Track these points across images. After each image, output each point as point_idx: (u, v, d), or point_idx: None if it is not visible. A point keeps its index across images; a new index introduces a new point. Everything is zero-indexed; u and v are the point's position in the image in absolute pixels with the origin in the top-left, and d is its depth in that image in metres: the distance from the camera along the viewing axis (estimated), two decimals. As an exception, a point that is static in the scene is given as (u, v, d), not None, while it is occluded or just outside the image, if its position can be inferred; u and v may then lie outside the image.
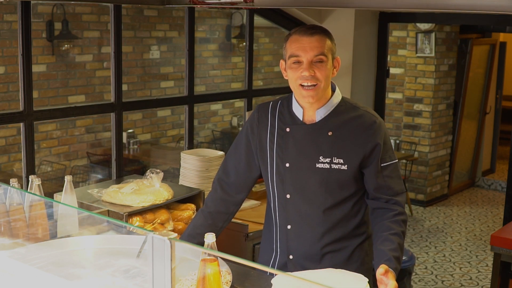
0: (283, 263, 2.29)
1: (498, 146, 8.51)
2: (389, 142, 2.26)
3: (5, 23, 5.22)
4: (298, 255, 2.26)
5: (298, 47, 2.14)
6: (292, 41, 2.16)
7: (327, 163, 2.17)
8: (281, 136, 2.25)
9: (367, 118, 2.20)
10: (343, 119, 2.20)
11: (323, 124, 2.20)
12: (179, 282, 1.96)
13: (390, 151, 2.24)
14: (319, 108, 2.20)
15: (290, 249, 2.27)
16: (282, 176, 2.24)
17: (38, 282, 1.65)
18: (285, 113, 2.27)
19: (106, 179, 4.52)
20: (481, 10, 2.51)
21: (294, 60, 2.15)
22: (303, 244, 2.25)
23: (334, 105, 2.22)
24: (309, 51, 2.12)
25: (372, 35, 4.65)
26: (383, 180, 2.20)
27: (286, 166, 2.23)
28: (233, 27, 7.14)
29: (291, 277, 1.88)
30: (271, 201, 2.31)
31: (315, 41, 2.13)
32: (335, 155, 2.17)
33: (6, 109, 5.16)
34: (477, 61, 7.53)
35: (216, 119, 7.25)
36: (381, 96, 4.76)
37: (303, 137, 2.21)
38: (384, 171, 2.20)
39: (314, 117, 2.22)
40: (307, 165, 2.19)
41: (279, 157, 2.24)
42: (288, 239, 2.27)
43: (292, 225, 2.25)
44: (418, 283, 4.98)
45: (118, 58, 3.51)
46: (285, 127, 2.24)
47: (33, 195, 2.28)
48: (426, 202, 7.12)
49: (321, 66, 2.13)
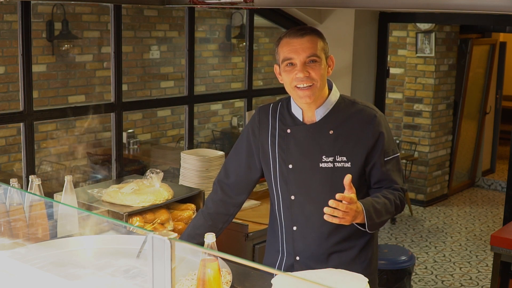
0: (290, 264, 2.28)
1: (498, 146, 8.51)
2: (391, 135, 2.26)
3: (5, 23, 5.22)
4: (305, 256, 2.25)
5: (290, 50, 2.14)
6: (283, 45, 2.16)
7: (330, 162, 2.17)
8: (283, 137, 2.24)
9: (367, 112, 2.20)
10: (343, 116, 2.20)
11: (324, 123, 2.20)
12: (179, 282, 1.96)
13: (392, 144, 2.24)
14: (318, 108, 2.20)
15: (296, 251, 2.26)
16: (286, 177, 2.23)
17: (38, 282, 1.65)
18: (285, 114, 2.27)
19: (106, 179, 4.51)
20: (481, 10, 2.51)
21: (287, 63, 2.15)
22: (309, 245, 2.24)
23: (332, 103, 2.22)
24: (301, 53, 2.12)
25: (372, 35, 4.65)
26: (386, 173, 2.21)
27: (289, 167, 2.22)
28: (233, 27, 7.14)
29: (291, 277, 1.88)
30: (275, 203, 2.30)
31: (306, 42, 2.13)
32: (337, 153, 2.17)
33: (6, 109, 5.16)
34: (477, 61, 7.53)
35: (216, 119, 7.25)
36: (381, 96, 4.76)
37: (304, 137, 2.21)
38: (387, 164, 2.21)
39: (314, 117, 2.21)
40: (310, 165, 2.19)
41: (282, 158, 2.24)
42: (294, 240, 2.26)
43: (298, 226, 2.24)
44: (418, 283, 4.98)
45: (118, 58, 3.51)
46: (286, 129, 2.24)
47: (33, 195, 2.28)
48: (426, 202, 7.12)
49: (315, 66, 2.13)
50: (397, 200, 2.19)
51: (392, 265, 4.23)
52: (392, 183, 2.21)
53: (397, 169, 2.24)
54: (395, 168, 2.23)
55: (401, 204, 2.21)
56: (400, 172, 2.25)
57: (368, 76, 4.67)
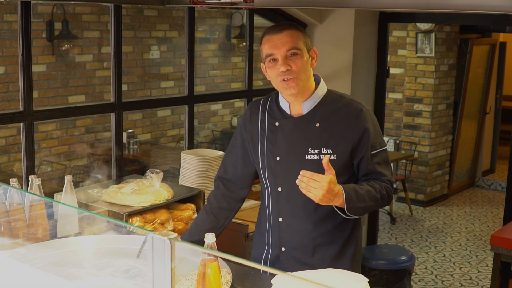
0: (276, 255, 2.33)
1: (498, 146, 8.51)
2: (379, 129, 2.29)
3: (5, 23, 5.22)
4: (290, 247, 2.30)
5: (271, 46, 2.20)
6: (265, 42, 2.22)
7: (316, 154, 2.21)
8: (271, 130, 2.30)
9: (353, 106, 2.24)
10: (330, 109, 2.24)
11: (311, 116, 2.24)
12: (179, 282, 1.96)
13: (379, 138, 2.28)
14: (305, 101, 2.25)
15: (282, 241, 2.31)
16: (274, 170, 2.29)
17: (38, 282, 1.65)
18: (274, 108, 2.32)
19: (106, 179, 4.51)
20: (481, 10, 2.51)
21: (270, 59, 2.21)
22: (294, 236, 2.28)
23: (320, 96, 2.26)
24: (281, 47, 2.18)
25: (372, 35, 4.65)
26: (373, 166, 2.24)
27: (277, 159, 2.27)
28: (233, 27, 7.14)
29: (291, 277, 1.88)
30: (265, 195, 2.35)
31: (285, 36, 2.18)
32: (323, 146, 2.21)
33: (6, 109, 5.16)
34: (477, 61, 7.53)
35: (216, 119, 7.26)
36: (381, 96, 4.75)
37: (292, 130, 2.25)
38: (374, 158, 2.24)
39: (301, 110, 2.26)
40: (296, 157, 2.23)
41: (270, 151, 2.29)
42: (280, 231, 2.31)
43: (284, 218, 2.30)
44: (418, 283, 4.98)
45: (118, 58, 3.51)
46: (275, 122, 2.30)
47: (33, 195, 2.28)
48: (426, 202, 7.12)
49: (296, 59, 2.18)
50: (383, 191, 2.22)
51: (392, 265, 4.23)
52: (379, 176, 2.24)
53: (385, 162, 2.27)
54: (382, 161, 2.26)
55: (388, 195, 2.24)
56: (387, 165, 2.28)
57: (368, 76, 4.66)
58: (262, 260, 2.38)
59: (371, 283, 2.02)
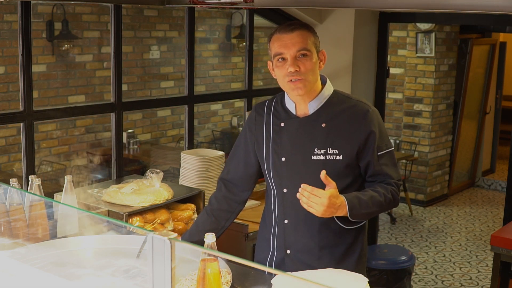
0: (281, 258, 2.31)
1: (498, 146, 8.51)
2: (385, 130, 2.28)
3: (5, 23, 5.22)
4: (296, 249, 2.27)
5: (281, 45, 2.17)
6: (274, 40, 2.20)
7: (322, 155, 2.19)
8: (276, 131, 2.28)
9: (360, 107, 2.22)
10: (336, 110, 2.23)
11: (317, 116, 2.23)
12: (179, 282, 1.96)
13: (386, 139, 2.26)
14: (311, 101, 2.23)
15: (287, 244, 2.29)
16: (279, 171, 2.27)
17: (38, 282, 1.65)
18: (279, 109, 2.31)
19: (106, 179, 4.50)
20: (481, 10, 2.51)
21: (278, 58, 2.19)
22: (300, 238, 2.26)
23: (326, 97, 2.25)
24: (291, 47, 2.16)
25: (372, 35, 4.65)
26: (380, 168, 2.23)
27: (282, 160, 2.26)
28: (233, 27, 7.14)
29: (291, 277, 1.88)
30: (271, 197, 2.33)
31: (296, 36, 2.16)
32: (329, 146, 2.19)
33: (6, 109, 5.15)
34: (477, 61, 7.53)
35: (216, 119, 7.25)
36: (381, 96, 4.76)
37: (297, 130, 2.24)
38: (380, 159, 2.22)
39: (307, 110, 2.25)
40: (302, 158, 2.22)
41: (275, 152, 2.27)
42: (286, 233, 2.28)
43: (289, 220, 2.27)
44: (418, 283, 4.98)
45: (118, 58, 3.51)
46: (280, 122, 2.28)
47: (33, 195, 2.28)
48: (426, 202, 7.12)
49: (305, 60, 2.16)
50: (388, 194, 2.20)
51: (392, 265, 4.23)
52: (386, 177, 2.23)
53: (391, 163, 2.25)
54: (389, 162, 2.24)
55: (394, 198, 2.23)
56: (394, 166, 2.27)
57: (368, 76, 4.66)
58: (267, 263, 2.35)
59: (371, 283, 2.02)
